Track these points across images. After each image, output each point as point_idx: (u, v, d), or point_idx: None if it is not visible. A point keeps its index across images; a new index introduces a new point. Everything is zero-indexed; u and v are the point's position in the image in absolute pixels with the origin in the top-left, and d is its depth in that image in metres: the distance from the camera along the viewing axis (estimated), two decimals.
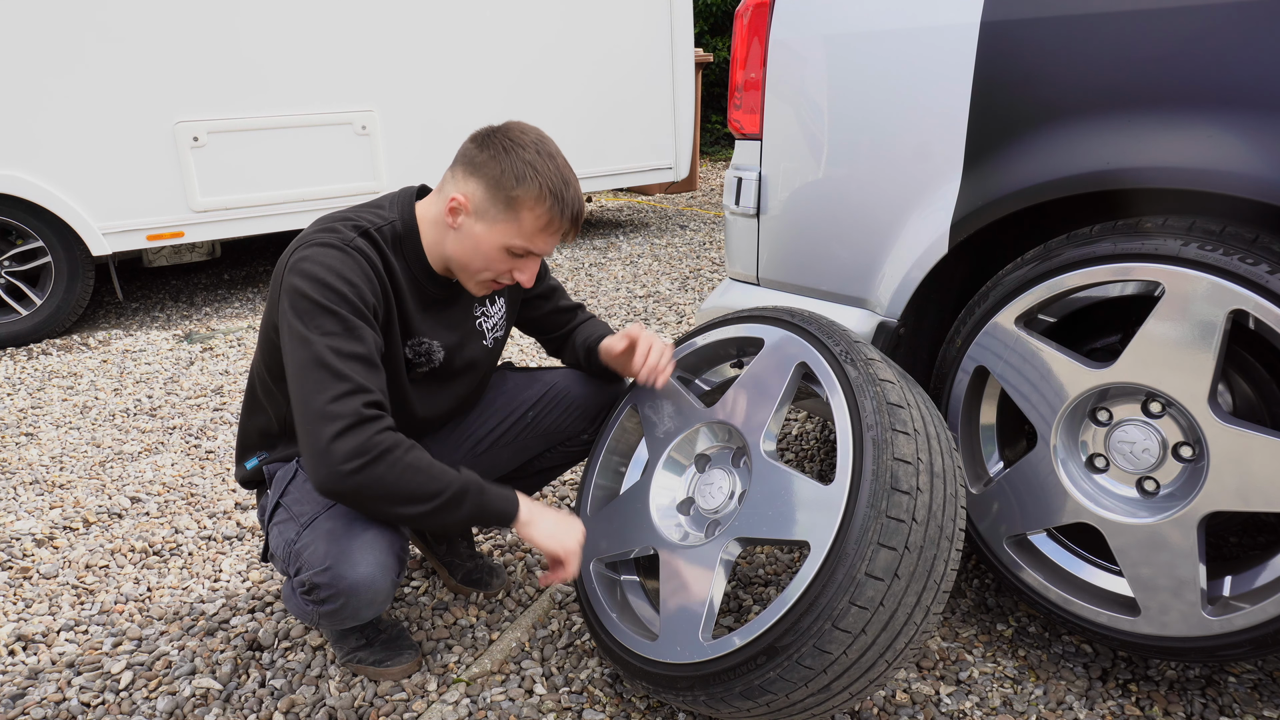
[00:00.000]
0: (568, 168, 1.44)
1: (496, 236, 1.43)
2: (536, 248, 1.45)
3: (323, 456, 1.29)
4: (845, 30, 1.71)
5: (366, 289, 1.39)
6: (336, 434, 1.28)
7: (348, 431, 1.29)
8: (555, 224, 1.42)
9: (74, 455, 2.72)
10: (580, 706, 1.58)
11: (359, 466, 1.29)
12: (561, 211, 1.41)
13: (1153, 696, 1.57)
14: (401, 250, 1.50)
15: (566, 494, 2.38)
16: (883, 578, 1.22)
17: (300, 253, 1.40)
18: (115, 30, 3.79)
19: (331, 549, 1.38)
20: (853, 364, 1.39)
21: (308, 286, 1.35)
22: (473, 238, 1.44)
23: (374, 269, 1.42)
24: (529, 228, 1.42)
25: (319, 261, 1.37)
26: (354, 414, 1.29)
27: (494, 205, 1.41)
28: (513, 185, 1.39)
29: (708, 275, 4.84)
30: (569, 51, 5.24)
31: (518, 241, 1.43)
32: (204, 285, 4.95)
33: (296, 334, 1.34)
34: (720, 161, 9.77)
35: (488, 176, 1.40)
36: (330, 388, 1.30)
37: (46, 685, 1.66)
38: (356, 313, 1.37)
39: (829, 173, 1.78)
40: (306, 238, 1.43)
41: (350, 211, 1.50)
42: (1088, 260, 1.43)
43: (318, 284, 1.35)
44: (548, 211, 1.40)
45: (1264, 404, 1.50)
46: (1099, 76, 1.40)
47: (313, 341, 1.33)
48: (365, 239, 1.44)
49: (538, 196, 1.39)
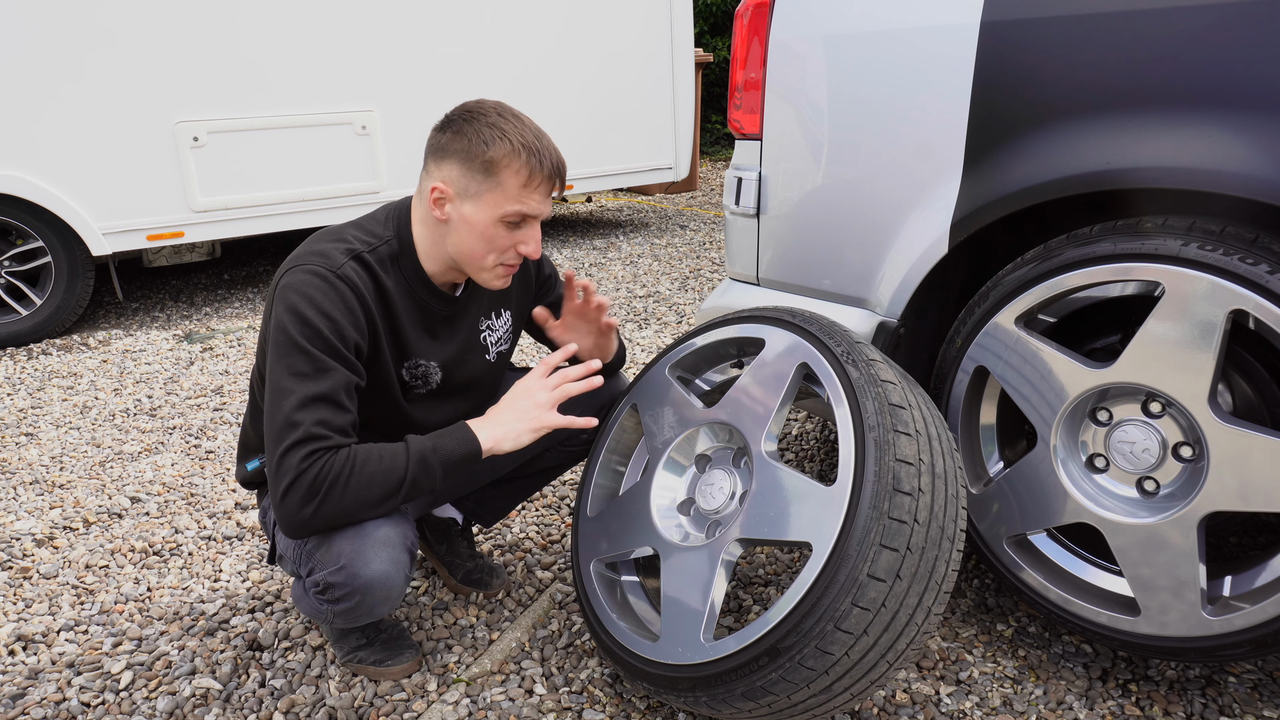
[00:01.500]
0: (534, 124, 1.43)
1: (486, 210, 1.41)
2: (529, 208, 1.42)
3: (280, 510, 1.35)
4: (845, 30, 1.71)
5: (347, 323, 1.39)
6: (286, 489, 1.33)
7: (293, 486, 1.32)
8: (537, 176, 1.40)
9: (74, 455, 2.72)
10: (580, 706, 1.58)
11: (313, 511, 1.33)
12: (540, 162, 1.39)
13: (1153, 696, 1.57)
14: (399, 268, 1.48)
15: (566, 494, 2.39)
16: (885, 579, 1.22)
17: (288, 278, 1.40)
18: (115, 31, 3.79)
19: (346, 548, 1.38)
20: (854, 365, 1.39)
21: (288, 320, 1.37)
22: (466, 222, 1.42)
23: (360, 299, 1.41)
24: (513, 187, 1.39)
25: (302, 293, 1.37)
26: (295, 468, 1.32)
27: (473, 178, 1.40)
28: (484, 150, 1.38)
29: (708, 275, 4.84)
30: (569, 52, 5.24)
31: (509, 207, 1.40)
32: (204, 285, 4.95)
33: (271, 366, 1.38)
34: (720, 161, 9.77)
35: (458, 153, 1.39)
36: (284, 436, 1.33)
37: (46, 685, 1.66)
38: (330, 351, 1.37)
39: (829, 173, 1.78)
40: (298, 259, 1.42)
41: (347, 228, 1.49)
42: (1088, 260, 1.43)
43: (297, 319, 1.36)
44: (525, 164, 1.38)
45: (1264, 404, 1.50)
46: (1099, 76, 1.40)
47: (279, 380, 1.36)
48: (356, 263, 1.43)
49: (511, 152, 1.38)
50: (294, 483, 1.32)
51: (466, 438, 1.42)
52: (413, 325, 1.52)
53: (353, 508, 1.35)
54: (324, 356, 1.36)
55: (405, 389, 1.55)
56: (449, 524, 1.98)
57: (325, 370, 1.36)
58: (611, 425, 1.76)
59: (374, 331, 1.45)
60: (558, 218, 6.86)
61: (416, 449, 1.39)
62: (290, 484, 1.32)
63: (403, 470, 1.37)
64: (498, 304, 1.67)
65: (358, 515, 1.37)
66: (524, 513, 2.30)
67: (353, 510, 1.35)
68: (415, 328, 1.52)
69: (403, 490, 1.37)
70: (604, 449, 1.75)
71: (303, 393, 1.34)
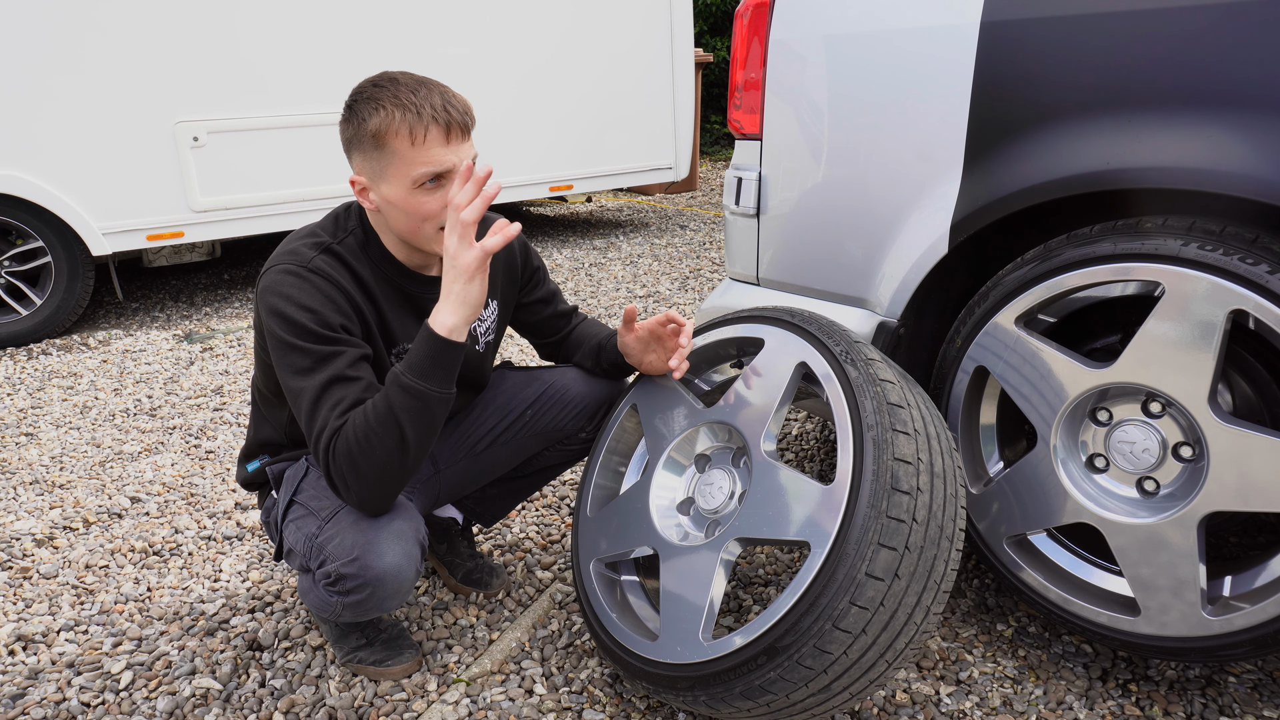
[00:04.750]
0: (416, 79, 1.38)
1: (396, 184, 1.37)
2: (434, 163, 1.35)
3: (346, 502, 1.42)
4: (845, 30, 1.71)
5: (329, 310, 1.39)
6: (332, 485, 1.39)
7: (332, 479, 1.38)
8: (419, 130, 1.33)
9: (74, 455, 2.72)
10: (580, 706, 1.58)
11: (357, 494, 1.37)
12: (419, 115, 1.33)
13: (1153, 696, 1.57)
14: (368, 256, 1.49)
15: (566, 494, 2.39)
16: (883, 578, 1.22)
17: (264, 281, 1.42)
18: (115, 30, 3.79)
19: (358, 540, 1.39)
20: (853, 364, 1.39)
21: (273, 322, 1.39)
22: (389, 203, 1.40)
23: (337, 286, 1.42)
24: (405, 151, 1.34)
25: (279, 292, 1.39)
26: (325, 463, 1.37)
27: (372, 159, 1.38)
28: (366, 127, 1.36)
29: (708, 275, 4.84)
30: (571, 53, 5.24)
31: (414, 171, 1.35)
32: (204, 285, 4.95)
33: (277, 369, 1.42)
34: (720, 161, 9.77)
35: (353, 139, 1.39)
36: (312, 434, 1.37)
37: (46, 685, 1.66)
38: (320, 339, 1.38)
39: (829, 173, 1.78)
40: (272, 261, 1.45)
41: (316, 225, 1.50)
42: (1088, 260, 1.43)
43: (280, 318, 1.38)
44: (404, 123, 1.33)
45: (1264, 404, 1.50)
46: (1099, 76, 1.40)
47: (287, 382, 1.40)
48: (327, 254, 1.44)
49: (387, 118, 1.34)
50: (330, 476, 1.37)
51: (424, 335, 1.33)
52: (395, 311, 1.53)
53: (384, 470, 1.34)
54: (316, 346, 1.37)
55: None
56: (449, 524, 1.98)
57: (323, 359, 1.38)
58: (612, 425, 1.76)
59: (361, 317, 1.47)
60: (558, 218, 6.87)
61: (390, 386, 1.33)
62: (329, 478, 1.38)
63: (385, 409, 1.32)
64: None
65: (395, 472, 1.35)
66: (524, 513, 2.30)
67: (386, 471, 1.34)
68: (398, 312, 1.54)
69: (405, 426, 1.32)
70: (604, 449, 1.75)
71: (311, 387, 1.36)
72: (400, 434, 1.32)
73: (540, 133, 5.18)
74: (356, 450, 1.33)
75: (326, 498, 1.49)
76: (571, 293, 4.55)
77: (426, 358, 1.33)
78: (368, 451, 1.32)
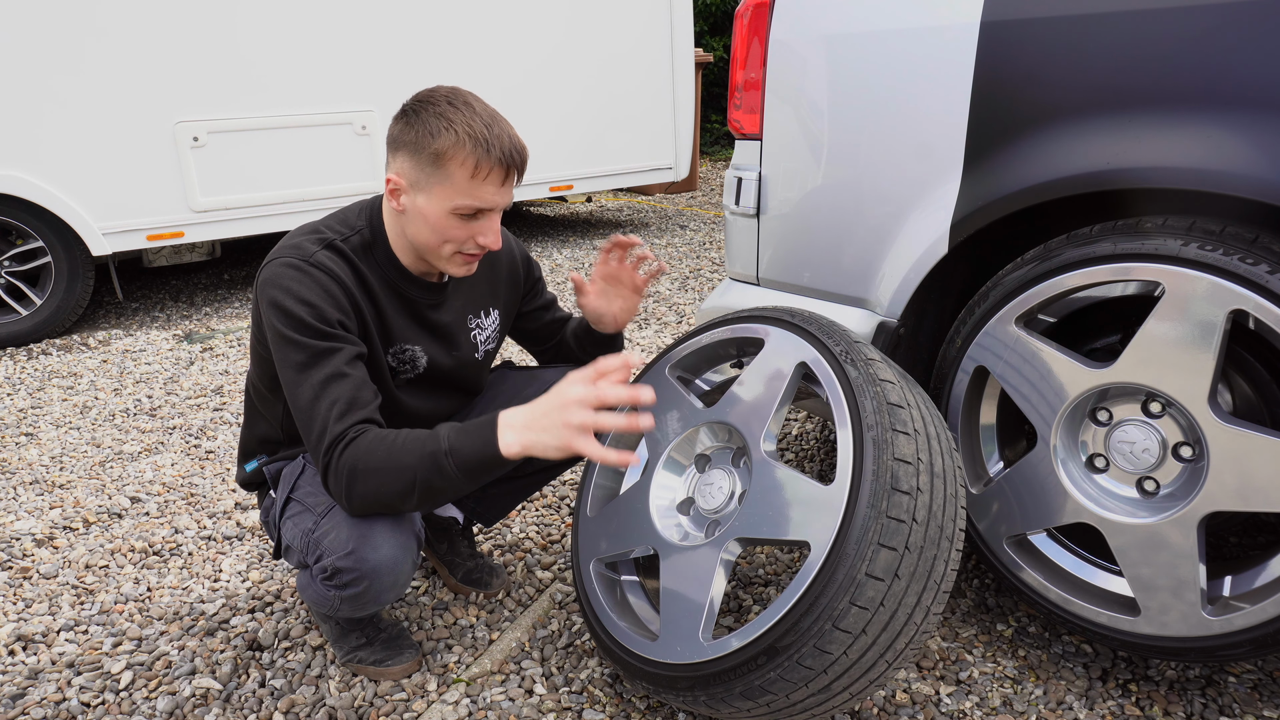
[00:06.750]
0: (489, 111, 1.39)
1: (438, 202, 1.39)
2: (481, 200, 1.38)
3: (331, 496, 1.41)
4: (845, 30, 1.71)
5: (328, 305, 1.39)
6: (325, 483, 1.38)
7: (327, 479, 1.36)
8: (485, 166, 1.36)
9: (74, 455, 2.72)
10: (580, 706, 1.58)
11: (350, 501, 1.36)
12: (488, 151, 1.35)
13: (1153, 696, 1.57)
14: (373, 257, 1.50)
15: (566, 494, 2.39)
16: (883, 578, 1.22)
17: (265, 273, 1.42)
18: (115, 31, 3.79)
19: (353, 533, 1.39)
20: (853, 364, 1.39)
21: (272, 315, 1.39)
22: (420, 213, 1.41)
23: (338, 282, 1.42)
24: (461, 180, 1.36)
25: (279, 285, 1.39)
26: (323, 463, 1.36)
27: (423, 171, 1.38)
28: (430, 142, 1.36)
29: (708, 275, 4.84)
30: (570, 53, 5.24)
31: (460, 200, 1.38)
32: (204, 285, 4.95)
33: (277, 363, 1.41)
34: (720, 161, 9.77)
35: (409, 145, 1.39)
36: (310, 431, 1.37)
37: (46, 685, 1.66)
38: (318, 334, 1.38)
39: (829, 173, 1.78)
40: (273, 254, 1.45)
41: (321, 222, 1.51)
42: (1088, 260, 1.43)
43: (279, 311, 1.38)
44: (472, 155, 1.35)
45: (1264, 404, 1.50)
46: (1099, 76, 1.40)
47: (287, 376, 1.39)
48: (330, 251, 1.44)
49: (457, 143, 1.35)
50: (325, 476, 1.37)
51: (488, 439, 1.28)
52: (396, 312, 1.53)
53: (376, 502, 1.35)
54: (315, 341, 1.38)
55: (393, 373, 1.57)
56: (449, 523, 1.98)
57: (321, 354, 1.38)
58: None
59: (359, 314, 1.47)
60: (558, 218, 6.86)
61: (430, 449, 1.29)
62: (324, 477, 1.37)
63: (409, 461, 1.30)
64: (486, 303, 1.69)
65: (384, 508, 1.37)
66: (524, 513, 2.30)
67: (378, 504, 1.36)
68: (399, 314, 1.54)
69: (418, 486, 1.31)
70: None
71: (310, 383, 1.36)
72: (410, 489, 1.33)
73: (540, 133, 5.18)
74: (362, 473, 1.32)
75: (323, 494, 1.49)
76: (571, 293, 4.55)
77: (478, 461, 1.29)
78: (371, 481, 1.33)
